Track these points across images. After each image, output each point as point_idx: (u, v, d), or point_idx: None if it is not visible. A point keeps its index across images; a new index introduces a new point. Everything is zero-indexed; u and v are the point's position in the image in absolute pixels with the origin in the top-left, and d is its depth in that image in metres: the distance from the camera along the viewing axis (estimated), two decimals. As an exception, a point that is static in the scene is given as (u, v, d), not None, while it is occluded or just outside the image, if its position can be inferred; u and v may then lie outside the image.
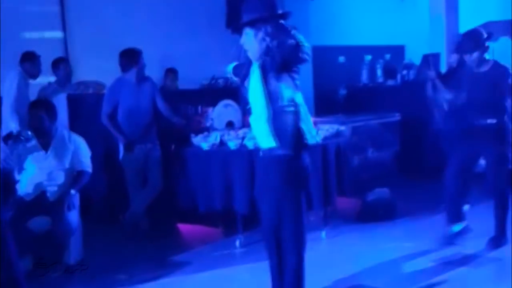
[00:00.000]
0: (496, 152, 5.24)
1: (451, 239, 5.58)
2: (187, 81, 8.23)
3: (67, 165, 5.43)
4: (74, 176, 5.48)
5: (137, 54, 6.50)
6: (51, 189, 5.37)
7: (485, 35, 5.25)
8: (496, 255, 5.26)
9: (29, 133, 5.24)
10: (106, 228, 6.55)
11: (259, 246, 5.49)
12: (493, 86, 5.19)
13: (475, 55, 5.18)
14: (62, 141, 5.46)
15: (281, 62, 3.39)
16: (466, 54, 5.25)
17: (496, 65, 5.27)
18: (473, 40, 5.20)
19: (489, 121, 5.21)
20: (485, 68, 5.25)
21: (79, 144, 5.54)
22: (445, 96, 5.68)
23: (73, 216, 5.32)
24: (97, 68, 7.39)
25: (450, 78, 5.70)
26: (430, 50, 9.08)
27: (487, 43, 5.23)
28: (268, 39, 3.41)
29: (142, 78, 6.57)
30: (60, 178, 5.40)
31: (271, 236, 3.68)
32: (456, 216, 5.57)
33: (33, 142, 5.31)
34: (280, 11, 3.49)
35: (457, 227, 5.59)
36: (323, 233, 6.23)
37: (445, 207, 5.67)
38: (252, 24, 3.44)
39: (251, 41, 3.47)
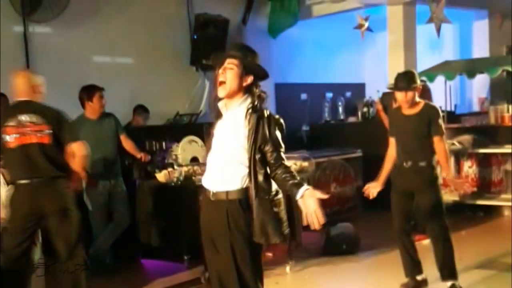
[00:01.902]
0: (427, 193, 5.31)
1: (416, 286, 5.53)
2: (152, 117, 8.26)
3: None
4: None
5: (95, 90, 6.53)
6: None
7: (418, 77, 5.42)
8: None
9: None
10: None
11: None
12: (424, 127, 5.30)
13: (409, 94, 5.34)
14: None
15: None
16: (401, 92, 5.39)
17: (427, 106, 5.43)
18: (407, 80, 5.36)
19: (420, 163, 5.31)
20: (415, 110, 5.40)
21: None
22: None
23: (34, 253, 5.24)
24: (60, 106, 7.34)
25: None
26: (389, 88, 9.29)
27: (419, 85, 5.39)
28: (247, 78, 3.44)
29: (103, 115, 6.59)
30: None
31: None
32: (414, 268, 5.52)
33: None
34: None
35: (419, 277, 5.52)
36: (288, 267, 6.27)
37: (402, 259, 5.56)
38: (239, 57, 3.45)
39: (233, 75, 3.43)
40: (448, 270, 5.28)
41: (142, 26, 8.64)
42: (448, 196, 8.71)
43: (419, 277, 5.48)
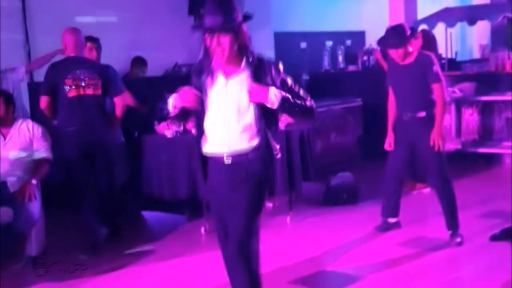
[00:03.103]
0: (428, 143, 5.28)
1: (386, 228, 5.73)
2: (150, 68, 8.17)
3: (26, 154, 5.34)
4: (34, 165, 5.40)
5: (93, 40, 6.43)
6: (11, 179, 5.28)
7: (408, 31, 5.34)
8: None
9: None
10: (69, 217, 6.46)
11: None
12: (420, 77, 5.28)
13: (400, 51, 5.28)
14: (20, 129, 5.38)
15: None
16: (392, 49, 5.35)
17: (420, 55, 5.37)
18: (397, 36, 5.29)
19: (418, 114, 5.31)
20: (410, 60, 5.34)
21: (39, 133, 5.43)
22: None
23: (35, 207, 5.24)
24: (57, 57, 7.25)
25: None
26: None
27: (410, 38, 5.32)
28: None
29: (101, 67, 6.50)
30: (20, 167, 5.31)
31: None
32: (390, 211, 5.70)
33: None
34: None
35: (391, 219, 5.74)
36: (288, 218, 6.28)
37: (382, 201, 5.79)
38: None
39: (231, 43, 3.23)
40: (450, 219, 5.30)
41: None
42: (450, 145, 8.70)
43: (392, 220, 5.70)
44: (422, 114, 5.31)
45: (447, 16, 9.47)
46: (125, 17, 8.25)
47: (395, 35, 5.30)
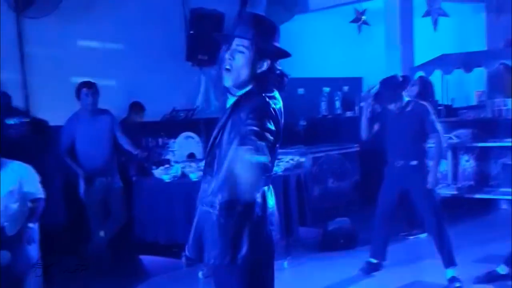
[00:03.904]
0: (421, 190, 5.37)
1: (367, 271, 5.80)
2: (148, 113, 8.23)
3: (17, 196, 5.23)
4: (29, 208, 5.35)
5: (80, 86, 6.48)
6: (7, 224, 5.25)
7: (401, 81, 5.42)
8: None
9: None
10: (67, 261, 6.44)
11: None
12: (416, 126, 5.37)
13: (394, 104, 5.37)
14: (7, 172, 5.25)
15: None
16: (386, 104, 5.46)
17: (416, 104, 5.45)
18: (390, 90, 5.37)
19: (411, 162, 5.38)
20: (407, 108, 5.41)
21: (25, 172, 5.31)
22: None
23: (33, 250, 5.22)
24: (55, 103, 7.31)
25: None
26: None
27: (404, 89, 5.40)
28: (261, 63, 2.81)
29: (98, 111, 6.56)
30: (13, 211, 5.26)
31: None
32: (378, 253, 5.78)
33: None
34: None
35: (373, 260, 5.81)
36: (285, 263, 6.26)
37: (372, 242, 5.87)
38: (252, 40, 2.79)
39: (241, 61, 2.79)
40: (447, 258, 5.34)
41: (137, 21, 8.59)
42: (446, 190, 8.71)
43: (374, 260, 5.76)
44: (414, 162, 5.36)
45: (444, 62, 9.58)
46: (123, 62, 8.33)
47: (387, 90, 5.39)
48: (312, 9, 10.67)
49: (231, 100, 2.87)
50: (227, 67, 2.79)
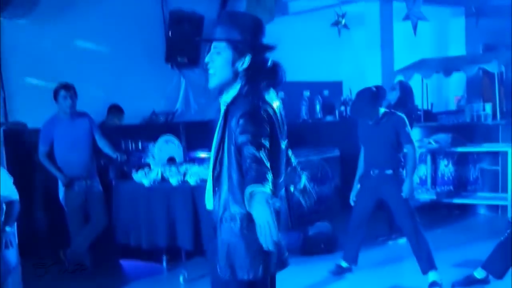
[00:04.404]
0: (396, 197, 5.45)
1: (338, 272, 5.92)
2: (127, 116, 8.17)
3: None
4: (4, 211, 5.25)
5: (58, 89, 6.43)
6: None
7: (375, 93, 5.46)
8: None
9: None
10: (47, 266, 6.38)
11: (203, 281, 5.48)
12: (391, 136, 5.45)
13: (369, 116, 5.45)
14: None
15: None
16: (361, 116, 5.51)
17: (392, 115, 5.52)
18: (365, 103, 5.41)
19: (386, 171, 5.48)
20: (382, 120, 5.47)
21: None
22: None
23: (11, 255, 5.14)
24: (34, 105, 7.23)
25: None
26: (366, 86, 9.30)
27: (379, 101, 5.44)
28: (243, 60, 2.78)
29: (77, 114, 6.51)
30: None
31: None
32: (350, 257, 5.89)
33: None
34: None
35: (344, 264, 5.92)
36: (266, 268, 6.23)
37: (345, 246, 5.99)
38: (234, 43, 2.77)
39: (221, 62, 2.78)
40: (426, 262, 5.37)
41: (116, 23, 8.53)
42: (425, 195, 8.76)
43: (345, 264, 5.88)
44: (389, 171, 5.45)
45: (423, 67, 9.63)
46: (102, 64, 8.26)
47: (364, 101, 5.42)
48: (292, 12, 10.67)
49: (222, 108, 2.83)
50: (211, 71, 2.79)
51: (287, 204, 2.96)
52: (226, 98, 2.81)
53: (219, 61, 2.77)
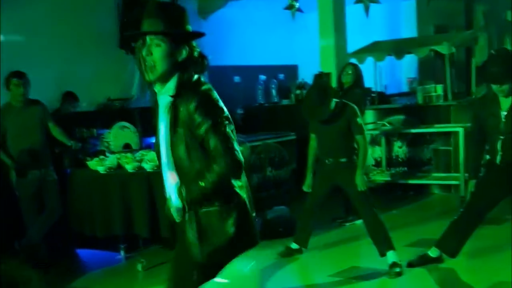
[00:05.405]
0: (351, 184, 5.52)
1: (288, 254, 6.06)
2: (82, 103, 8.06)
3: None
4: None
5: (10, 77, 6.31)
6: None
7: (325, 92, 5.50)
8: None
9: None
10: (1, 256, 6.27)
11: (161, 268, 5.48)
12: (343, 127, 5.50)
13: (322, 116, 5.48)
14: None
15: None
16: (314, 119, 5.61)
17: (344, 105, 5.55)
18: (316, 106, 5.46)
19: (341, 159, 5.56)
20: (335, 110, 5.50)
21: None
22: None
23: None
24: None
25: None
26: (321, 69, 9.36)
27: (329, 98, 5.47)
28: (181, 51, 2.80)
29: (29, 102, 6.40)
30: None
31: None
32: (302, 240, 6.01)
33: None
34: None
35: (294, 246, 6.05)
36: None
37: (296, 229, 6.10)
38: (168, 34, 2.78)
39: (160, 54, 2.78)
40: (383, 243, 5.43)
41: (68, 9, 8.38)
42: (380, 177, 8.89)
43: (296, 246, 6.02)
44: (344, 159, 5.55)
45: (376, 49, 9.72)
46: (55, 51, 8.12)
47: (318, 103, 5.44)
48: (246, -5, 10.64)
49: (165, 100, 2.82)
50: (149, 63, 2.78)
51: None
52: (168, 90, 2.81)
53: (158, 52, 2.77)
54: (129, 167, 6.01)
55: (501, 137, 5.03)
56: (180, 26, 2.82)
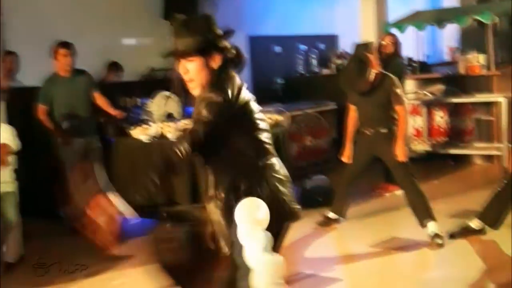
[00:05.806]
0: (391, 155, 5.51)
1: (326, 223, 6.08)
2: (126, 73, 8.18)
3: None
4: None
5: (57, 47, 6.42)
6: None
7: (363, 64, 5.45)
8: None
9: None
10: (47, 224, 6.46)
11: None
12: (383, 97, 5.51)
13: (361, 78, 5.46)
14: None
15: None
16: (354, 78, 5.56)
17: (384, 76, 5.55)
18: (358, 69, 5.43)
19: (381, 130, 5.56)
20: (375, 81, 5.49)
21: None
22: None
23: (11, 213, 5.24)
24: (31, 64, 7.22)
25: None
26: (361, 39, 9.30)
27: (367, 70, 5.43)
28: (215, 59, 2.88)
29: (75, 72, 6.52)
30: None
31: None
32: (339, 210, 6.04)
33: None
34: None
35: (332, 215, 6.08)
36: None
37: (335, 198, 6.12)
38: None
39: (196, 68, 2.88)
40: (424, 214, 5.42)
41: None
42: (420, 146, 8.85)
43: (334, 216, 6.04)
44: (384, 130, 5.54)
45: (417, 19, 9.61)
46: (100, 22, 8.23)
47: (354, 75, 5.44)
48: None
49: None
50: (188, 78, 2.89)
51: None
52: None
53: (193, 68, 2.86)
54: (171, 136, 6.10)
55: None
56: (208, 36, 2.87)
